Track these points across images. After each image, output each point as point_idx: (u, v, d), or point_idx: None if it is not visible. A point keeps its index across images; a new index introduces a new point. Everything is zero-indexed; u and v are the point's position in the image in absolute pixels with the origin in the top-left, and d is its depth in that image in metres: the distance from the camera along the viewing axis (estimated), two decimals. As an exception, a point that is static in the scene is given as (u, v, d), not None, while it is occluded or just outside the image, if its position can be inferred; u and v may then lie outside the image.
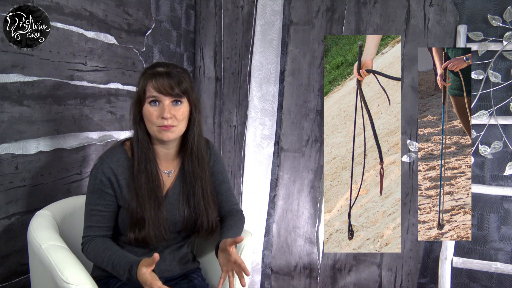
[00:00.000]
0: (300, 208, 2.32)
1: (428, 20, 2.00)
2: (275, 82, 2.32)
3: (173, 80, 1.15)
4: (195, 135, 1.26)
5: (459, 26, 1.94)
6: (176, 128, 1.18)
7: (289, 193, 2.34)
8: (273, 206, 2.39)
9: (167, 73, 1.16)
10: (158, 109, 1.16)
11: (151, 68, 1.20)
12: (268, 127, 2.35)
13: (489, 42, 1.88)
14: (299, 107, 2.28)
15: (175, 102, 1.17)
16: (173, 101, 1.17)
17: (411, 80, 2.04)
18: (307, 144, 2.28)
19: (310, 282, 2.32)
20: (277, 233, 2.37)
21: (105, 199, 1.19)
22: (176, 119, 1.17)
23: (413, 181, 2.06)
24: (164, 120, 1.15)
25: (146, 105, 1.17)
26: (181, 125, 1.20)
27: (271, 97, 2.33)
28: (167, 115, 1.14)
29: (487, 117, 1.90)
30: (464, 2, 1.95)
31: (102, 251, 1.16)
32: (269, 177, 2.37)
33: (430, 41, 2.00)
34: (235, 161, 2.43)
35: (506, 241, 1.95)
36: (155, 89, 1.15)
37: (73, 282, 0.98)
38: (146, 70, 1.20)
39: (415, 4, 2.01)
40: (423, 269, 2.12)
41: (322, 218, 2.30)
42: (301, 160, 2.29)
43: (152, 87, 1.15)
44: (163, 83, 1.14)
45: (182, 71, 1.20)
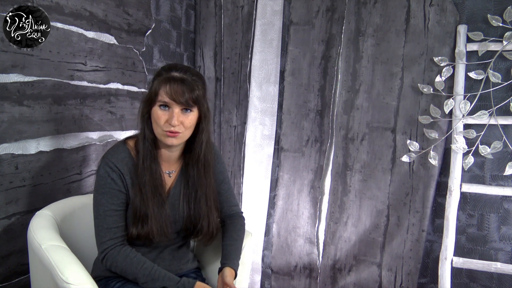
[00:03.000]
0: (300, 208, 2.32)
1: (428, 20, 2.00)
2: (275, 82, 2.32)
3: (186, 87, 1.14)
4: (203, 142, 1.26)
5: (459, 26, 1.94)
6: (182, 134, 1.19)
7: (289, 193, 2.34)
8: (273, 206, 2.39)
9: (182, 79, 1.14)
10: (167, 114, 1.15)
11: (167, 70, 1.17)
12: (268, 127, 2.35)
13: (489, 42, 1.88)
14: (299, 107, 2.28)
15: (184, 110, 1.17)
16: (183, 108, 1.17)
17: (411, 80, 2.04)
18: (307, 144, 2.28)
19: (310, 282, 2.32)
20: (277, 233, 2.37)
21: (118, 198, 1.19)
22: (183, 126, 1.17)
23: (413, 181, 2.06)
24: (171, 126, 1.15)
25: (156, 107, 1.17)
26: (187, 132, 1.20)
27: (271, 97, 2.33)
28: (175, 122, 1.14)
29: (487, 117, 1.90)
30: (464, 2, 1.95)
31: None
32: (269, 177, 2.37)
33: (430, 41, 2.00)
34: (235, 161, 2.43)
35: (506, 241, 1.95)
36: (167, 95, 1.14)
37: (73, 282, 0.98)
38: (162, 72, 1.18)
39: (415, 4, 2.01)
40: (423, 269, 2.12)
41: (322, 218, 2.30)
42: (301, 160, 2.29)
43: (165, 92, 1.14)
44: (176, 90, 1.13)
45: (197, 79, 1.19)
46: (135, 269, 1.16)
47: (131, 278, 1.17)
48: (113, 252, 1.17)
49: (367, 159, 2.14)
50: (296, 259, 2.34)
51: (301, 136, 2.29)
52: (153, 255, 1.29)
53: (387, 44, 2.07)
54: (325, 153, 2.23)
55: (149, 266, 1.17)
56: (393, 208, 2.10)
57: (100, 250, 1.18)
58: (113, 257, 1.16)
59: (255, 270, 2.40)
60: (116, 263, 1.16)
